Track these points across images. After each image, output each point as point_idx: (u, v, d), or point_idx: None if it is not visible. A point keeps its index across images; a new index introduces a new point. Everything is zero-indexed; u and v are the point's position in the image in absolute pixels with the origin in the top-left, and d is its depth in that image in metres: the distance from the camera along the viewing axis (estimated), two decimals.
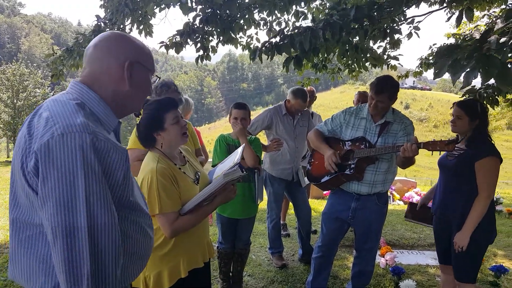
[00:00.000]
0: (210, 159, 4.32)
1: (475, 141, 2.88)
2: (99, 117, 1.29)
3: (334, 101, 72.44)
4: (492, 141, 2.93)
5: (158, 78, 1.53)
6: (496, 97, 5.07)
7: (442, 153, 2.79)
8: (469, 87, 5.19)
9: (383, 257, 4.56)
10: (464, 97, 5.31)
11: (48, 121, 1.15)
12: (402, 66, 5.96)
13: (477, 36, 2.45)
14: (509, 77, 2.08)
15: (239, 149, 2.51)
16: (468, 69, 2.08)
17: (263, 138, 4.62)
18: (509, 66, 2.19)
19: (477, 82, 2.28)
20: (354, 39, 4.04)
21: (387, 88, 2.96)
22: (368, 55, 4.46)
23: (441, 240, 3.16)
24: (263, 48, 3.87)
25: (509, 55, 2.38)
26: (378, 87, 2.97)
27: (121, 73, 1.33)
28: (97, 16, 5.06)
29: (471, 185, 2.85)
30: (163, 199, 2.06)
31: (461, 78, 2.21)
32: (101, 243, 1.12)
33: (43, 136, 1.11)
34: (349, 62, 5.81)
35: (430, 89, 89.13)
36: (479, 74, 2.07)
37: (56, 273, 1.14)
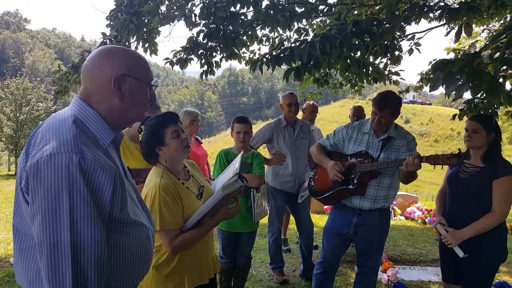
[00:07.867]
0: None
1: (493, 158, 2.84)
2: (94, 133, 1.33)
3: (334, 115, 72.66)
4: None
5: (155, 87, 1.53)
6: (496, 109, 5.04)
7: (445, 167, 2.74)
8: (467, 98, 5.23)
9: (385, 272, 4.52)
10: (463, 107, 5.32)
11: (42, 140, 1.23)
12: (404, 80, 5.99)
13: (472, 51, 2.48)
14: (498, 91, 2.11)
15: (237, 158, 2.48)
16: (460, 83, 2.11)
17: (264, 152, 4.62)
18: (500, 80, 2.21)
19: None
20: (356, 55, 4.08)
21: (390, 103, 2.96)
22: (370, 69, 4.49)
23: (449, 256, 3.02)
24: (264, 60, 3.93)
25: (503, 68, 2.41)
26: (381, 103, 2.97)
27: (110, 88, 1.35)
28: (103, 34, 5.12)
29: (485, 202, 2.80)
30: (165, 216, 2.04)
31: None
32: (85, 259, 1.16)
33: (34, 156, 1.18)
34: (351, 77, 5.84)
35: (430, 104, 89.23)
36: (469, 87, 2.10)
37: (44, 284, 1.18)
